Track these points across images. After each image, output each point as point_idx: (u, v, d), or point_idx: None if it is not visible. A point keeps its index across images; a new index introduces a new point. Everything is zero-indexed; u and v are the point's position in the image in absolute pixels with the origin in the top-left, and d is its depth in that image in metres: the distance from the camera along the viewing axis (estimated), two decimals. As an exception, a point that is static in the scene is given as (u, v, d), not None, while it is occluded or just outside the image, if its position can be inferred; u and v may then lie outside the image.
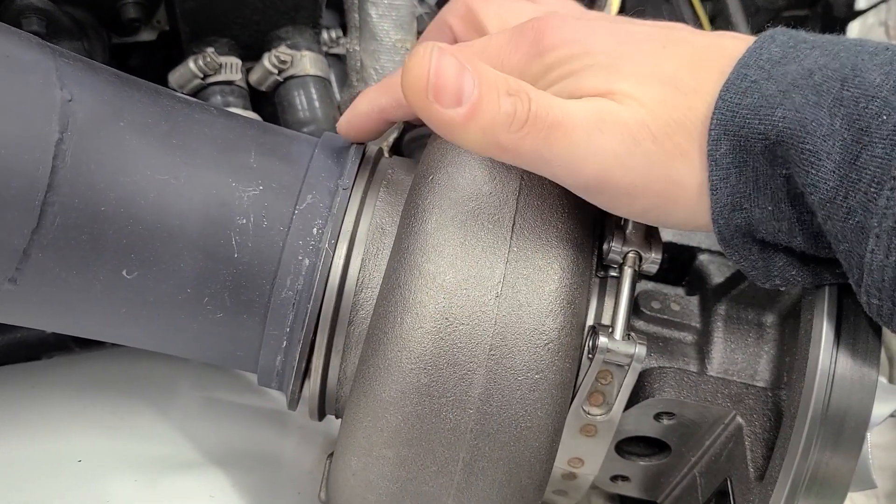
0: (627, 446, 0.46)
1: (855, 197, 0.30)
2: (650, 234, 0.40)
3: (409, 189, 0.41)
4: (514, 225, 0.37)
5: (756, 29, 0.60)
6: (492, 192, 0.38)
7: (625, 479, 0.47)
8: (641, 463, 0.46)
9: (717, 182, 0.33)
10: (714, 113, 0.33)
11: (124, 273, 0.40)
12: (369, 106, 0.44)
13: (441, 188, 0.39)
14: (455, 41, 0.45)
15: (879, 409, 0.46)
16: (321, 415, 0.46)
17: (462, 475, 0.37)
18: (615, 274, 0.41)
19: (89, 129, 0.38)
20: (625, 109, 0.34)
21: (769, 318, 0.44)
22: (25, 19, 0.55)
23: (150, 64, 0.70)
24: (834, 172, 0.30)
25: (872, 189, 0.30)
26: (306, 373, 0.43)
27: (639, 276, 0.40)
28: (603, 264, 0.41)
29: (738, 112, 0.32)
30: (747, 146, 0.32)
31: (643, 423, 0.43)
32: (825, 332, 0.36)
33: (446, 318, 0.36)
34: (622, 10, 0.68)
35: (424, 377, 0.36)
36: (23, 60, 0.38)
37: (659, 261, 0.40)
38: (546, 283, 0.37)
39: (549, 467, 0.39)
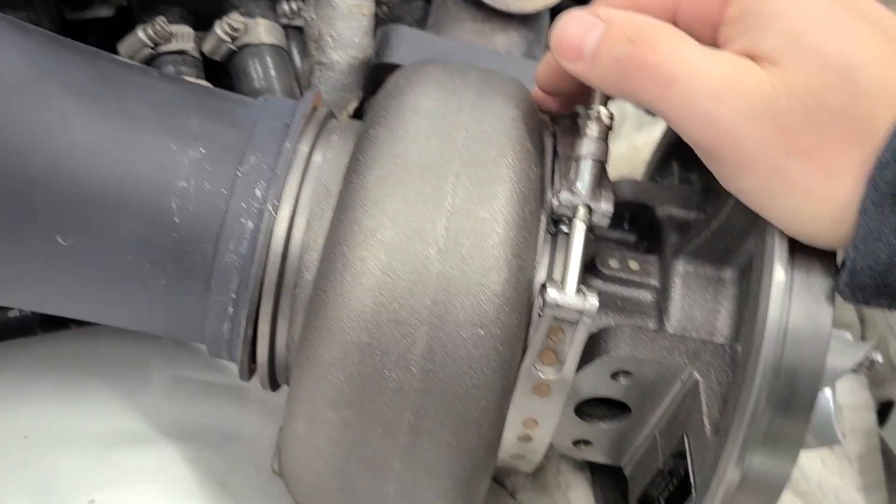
0: (588, 409, 0.45)
1: None
2: (600, 187, 0.39)
3: (353, 147, 0.40)
4: (456, 177, 0.36)
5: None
6: (434, 146, 0.37)
7: (587, 443, 0.47)
8: (602, 426, 0.45)
9: (870, 206, 0.31)
10: (891, 140, 0.30)
11: (59, 239, 0.39)
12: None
13: (382, 143, 0.37)
14: None
15: (840, 363, 0.45)
16: (273, 384, 0.45)
17: (408, 436, 0.36)
18: (567, 230, 0.40)
19: (15, 89, 0.37)
20: (762, 79, 0.32)
21: (728, 273, 0.43)
22: (-35, -12, 0.53)
23: (108, 41, 0.69)
24: None
25: None
26: (255, 340, 0.42)
27: (591, 230, 0.39)
28: (553, 220, 0.40)
29: None
30: None
31: (601, 383, 0.42)
32: (776, 282, 0.35)
33: (387, 274, 0.35)
34: None
35: (365, 335, 0.35)
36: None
37: (610, 214, 0.39)
38: (489, 235, 0.36)
39: (499, 427, 0.38)
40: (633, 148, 0.68)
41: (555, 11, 0.60)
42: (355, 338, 0.35)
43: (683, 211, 0.47)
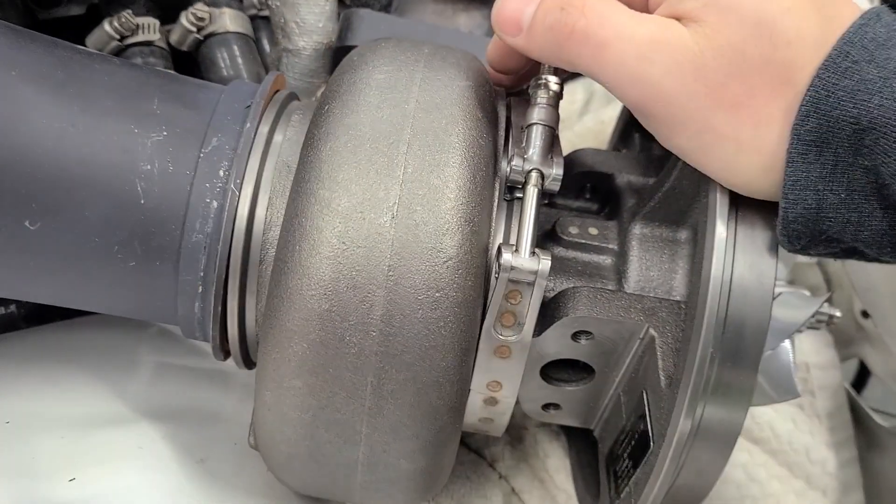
0: (554, 373, 0.46)
1: None
2: (551, 153, 0.40)
3: (309, 122, 0.41)
4: (408, 146, 0.37)
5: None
6: (386, 116, 0.38)
7: (556, 406, 0.48)
8: (568, 388, 0.46)
9: (795, 156, 0.32)
10: (809, 89, 0.31)
11: (27, 224, 0.40)
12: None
13: (336, 116, 0.38)
14: None
15: (795, 317, 0.46)
16: (247, 361, 0.46)
17: (372, 399, 0.37)
18: (522, 197, 0.41)
19: (-23, 78, 0.38)
20: (686, 37, 0.33)
21: (683, 234, 0.44)
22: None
23: (80, 39, 0.70)
24: None
25: None
26: (225, 318, 0.43)
27: (543, 194, 0.40)
28: (509, 187, 0.41)
29: (833, 93, 0.31)
30: (835, 128, 0.31)
31: (563, 344, 0.43)
32: (717, 238, 0.36)
33: (343, 242, 0.36)
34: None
35: (325, 303, 0.36)
36: None
37: (560, 178, 0.40)
38: (441, 201, 0.37)
39: (462, 388, 0.39)
40: (601, 122, 0.69)
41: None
42: (315, 305, 0.36)
43: (642, 177, 0.49)
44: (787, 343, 0.45)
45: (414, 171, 0.37)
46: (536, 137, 0.40)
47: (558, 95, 0.40)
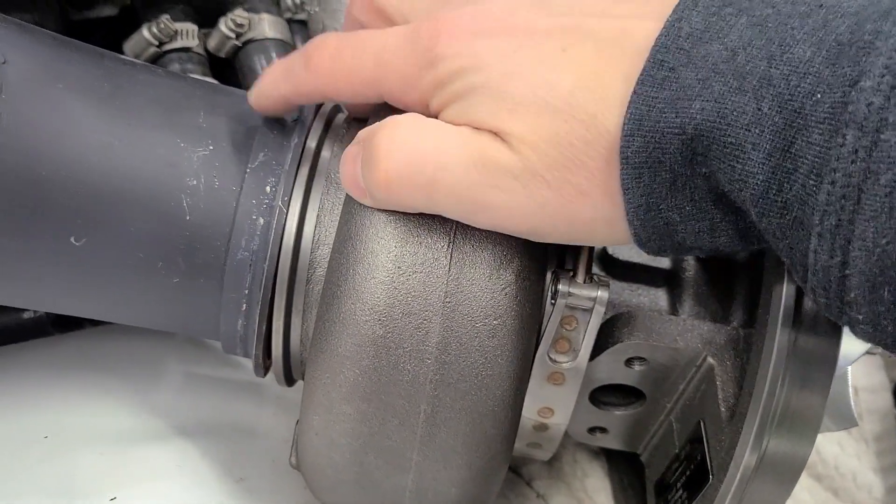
0: (603, 396, 0.45)
1: (790, 190, 0.27)
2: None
3: None
4: None
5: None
6: None
7: (603, 430, 0.47)
8: (617, 412, 0.45)
9: (629, 182, 0.30)
10: (628, 108, 0.29)
11: (72, 239, 0.39)
12: (274, 91, 0.41)
13: (391, 135, 0.37)
14: None
15: (855, 345, 0.45)
16: (288, 379, 0.45)
17: (425, 427, 0.36)
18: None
19: (24, 91, 0.37)
20: (512, 156, 0.31)
21: (740, 257, 0.43)
22: (-32, -10, 0.53)
23: (113, 41, 0.69)
24: (764, 164, 0.27)
25: (811, 181, 0.26)
26: (269, 336, 0.42)
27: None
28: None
29: (654, 106, 0.29)
30: (663, 143, 0.29)
31: (615, 370, 0.42)
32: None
33: (399, 267, 0.35)
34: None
35: (379, 328, 0.35)
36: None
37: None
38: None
39: (516, 417, 0.38)
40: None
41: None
42: (369, 331, 0.35)
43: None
44: (844, 371, 0.44)
45: None
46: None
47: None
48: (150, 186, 0.40)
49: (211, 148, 0.41)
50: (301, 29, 0.67)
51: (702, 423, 0.40)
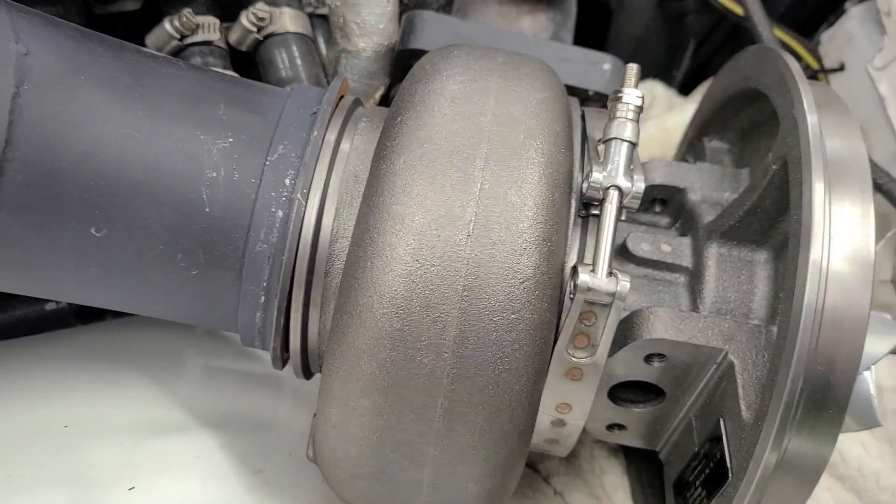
0: (622, 393, 0.45)
1: None
2: (631, 168, 0.38)
3: (380, 133, 0.40)
4: (485, 162, 0.36)
5: None
6: (461, 129, 0.37)
7: (621, 427, 0.46)
8: (636, 409, 0.45)
9: None
10: None
11: (93, 230, 0.39)
12: None
13: (409, 128, 0.37)
14: None
15: (879, 345, 0.44)
16: (306, 372, 0.45)
17: (441, 421, 0.36)
18: (598, 212, 0.39)
19: (47, 82, 0.37)
20: None
21: (762, 255, 0.42)
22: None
23: (135, 34, 0.69)
24: None
25: None
26: (287, 329, 0.42)
27: (622, 211, 0.39)
28: (584, 202, 0.39)
29: None
30: None
31: (634, 366, 0.42)
32: (812, 263, 0.34)
33: (417, 260, 0.35)
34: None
35: (397, 322, 0.35)
36: (-27, 14, 0.38)
37: (640, 195, 0.38)
38: (519, 220, 0.35)
39: (533, 412, 0.38)
40: (665, 129, 0.67)
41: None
42: (387, 324, 0.35)
43: (716, 192, 0.47)
44: (867, 372, 0.43)
45: (491, 188, 0.35)
46: (616, 153, 0.38)
47: (639, 109, 0.39)
48: (170, 179, 0.40)
49: (231, 140, 0.41)
50: (322, 23, 0.67)
51: (722, 422, 0.39)
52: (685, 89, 0.77)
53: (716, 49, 0.80)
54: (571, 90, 0.49)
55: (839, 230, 0.35)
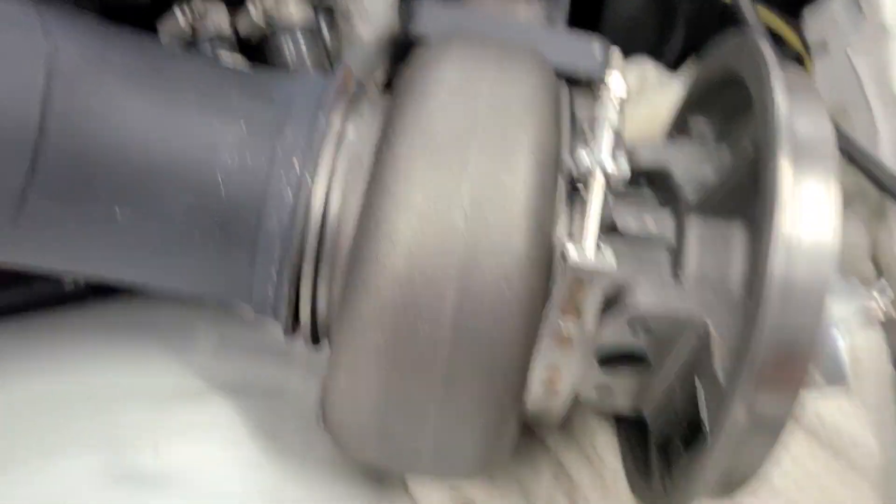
0: (610, 360, 0.48)
1: None
2: (616, 148, 0.41)
3: (382, 119, 0.42)
4: (480, 146, 0.39)
5: None
6: (458, 116, 0.40)
7: (610, 393, 0.49)
8: (623, 376, 0.48)
9: None
10: None
11: (118, 212, 0.42)
12: None
13: (409, 115, 0.40)
14: None
15: (843, 307, 0.47)
16: (315, 339, 0.48)
17: (442, 386, 0.40)
18: (585, 191, 0.42)
19: (75, 76, 0.40)
20: None
21: (739, 229, 0.45)
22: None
23: (146, 26, 0.72)
24: None
25: None
26: (297, 302, 0.45)
27: (608, 187, 0.41)
28: (572, 181, 0.42)
29: None
30: None
31: (620, 335, 0.45)
32: (780, 237, 0.37)
33: (417, 237, 0.38)
34: None
35: (399, 294, 0.38)
36: (7, 13, 0.40)
37: (626, 174, 0.41)
38: (512, 200, 0.38)
39: (524, 377, 0.41)
40: (654, 107, 0.69)
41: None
42: (390, 297, 0.38)
43: (699, 169, 0.49)
44: (834, 329, 0.46)
45: (485, 170, 0.39)
46: (602, 133, 0.41)
47: (625, 91, 0.42)
48: (188, 165, 0.43)
49: (244, 127, 0.44)
50: (327, 16, 0.69)
51: (699, 385, 0.42)
52: (677, 67, 0.79)
53: (706, 28, 0.83)
54: (563, 75, 0.52)
55: (804, 205, 0.38)
